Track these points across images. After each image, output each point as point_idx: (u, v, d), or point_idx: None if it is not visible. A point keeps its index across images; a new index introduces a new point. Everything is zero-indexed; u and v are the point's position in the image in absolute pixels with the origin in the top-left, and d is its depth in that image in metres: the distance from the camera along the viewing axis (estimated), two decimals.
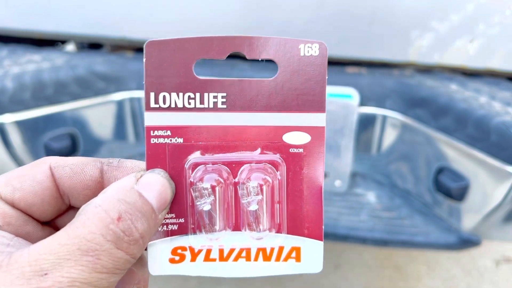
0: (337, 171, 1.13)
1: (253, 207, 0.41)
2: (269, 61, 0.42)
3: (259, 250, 0.42)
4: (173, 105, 0.39)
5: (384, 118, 1.11)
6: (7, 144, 1.01)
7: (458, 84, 1.10)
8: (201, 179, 0.40)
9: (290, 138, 0.41)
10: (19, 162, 1.05)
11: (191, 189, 0.40)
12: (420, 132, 1.05)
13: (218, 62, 1.20)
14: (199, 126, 0.40)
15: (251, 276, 0.42)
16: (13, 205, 0.36)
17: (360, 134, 1.15)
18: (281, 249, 0.42)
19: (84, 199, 0.38)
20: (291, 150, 0.41)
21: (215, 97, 0.40)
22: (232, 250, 0.42)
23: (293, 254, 0.42)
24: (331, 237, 1.02)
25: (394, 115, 1.10)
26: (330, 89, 1.11)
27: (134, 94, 1.19)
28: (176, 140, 0.40)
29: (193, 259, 0.41)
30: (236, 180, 0.41)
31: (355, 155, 1.18)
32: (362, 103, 1.11)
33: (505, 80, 1.20)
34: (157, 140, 0.39)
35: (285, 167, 0.41)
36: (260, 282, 1.82)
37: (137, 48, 1.35)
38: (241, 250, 0.42)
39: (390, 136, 1.13)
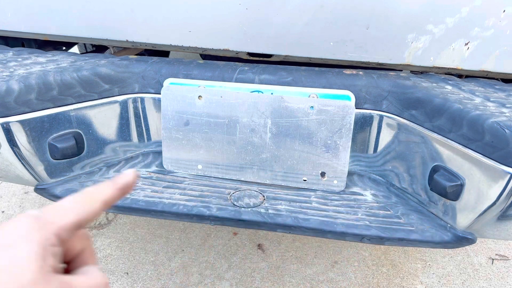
0: (334, 170, 1.15)
1: None
2: (268, 61, 0.44)
3: None
4: None
5: (381, 118, 1.13)
6: (13, 144, 1.03)
7: (453, 85, 1.11)
8: None
9: None
10: (24, 162, 1.06)
11: None
12: (416, 132, 1.06)
13: (219, 64, 1.22)
14: None
15: None
16: None
17: (357, 135, 1.16)
18: None
19: None
20: None
21: None
22: None
23: None
24: (329, 234, 1.03)
25: (391, 116, 1.11)
26: (328, 91, 1.12)
27: (137, 96, 1.21)
28: None
29: None
30: None
31: (352, 155, 1.20)
32: (359, 104, 1.13)
33: (499, 81, 1.22)
34: None
35: None
36: (260, 277, 1.84)
37: (140, 51, 1.36)
38: None
39: (386, 136, 1.14)
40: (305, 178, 1.17)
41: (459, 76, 1.29)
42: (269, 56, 1.20)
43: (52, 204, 0.42)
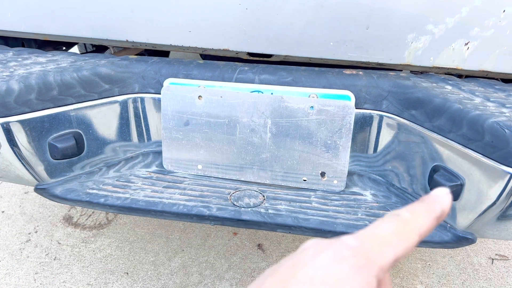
0: (334, 170, 1.15)
1: None
2: (268, 61, 0.44)
3: None
4: None
5: (381, 118, 1.13)
6: (13, 144, 1.03)
7: (453, 85, 1.11)
8: None
9: None
10: (24, 162, 1.06)
11: None
12: (415, 132, 1.06)
13: (219, 64, 1.22)
14: None
15: None
16: None
17: (357, 135, 1.16)
18: None
19: None
20: None
21: None
22: None
23: None
24: (329, 234, 1.03)
25: (391, 116, 1.11)
26: (328, 91, 1.12)
27: (137, 96, 1.21)
28: None
29: None
30: None
31: (352, 155, 1.20)
32: (359, 104, 1.13)
33: (499, 81, 1.22)
34: None
35: None
36: None
37: (140, 51, 1.36)
38: None
39: (386, 136, 1.14)
40: (305, 178, 1.17)
41: (459, 76, 1.29)
42: (269, 56, 1.20)
43: (368, 229, 0.37)
